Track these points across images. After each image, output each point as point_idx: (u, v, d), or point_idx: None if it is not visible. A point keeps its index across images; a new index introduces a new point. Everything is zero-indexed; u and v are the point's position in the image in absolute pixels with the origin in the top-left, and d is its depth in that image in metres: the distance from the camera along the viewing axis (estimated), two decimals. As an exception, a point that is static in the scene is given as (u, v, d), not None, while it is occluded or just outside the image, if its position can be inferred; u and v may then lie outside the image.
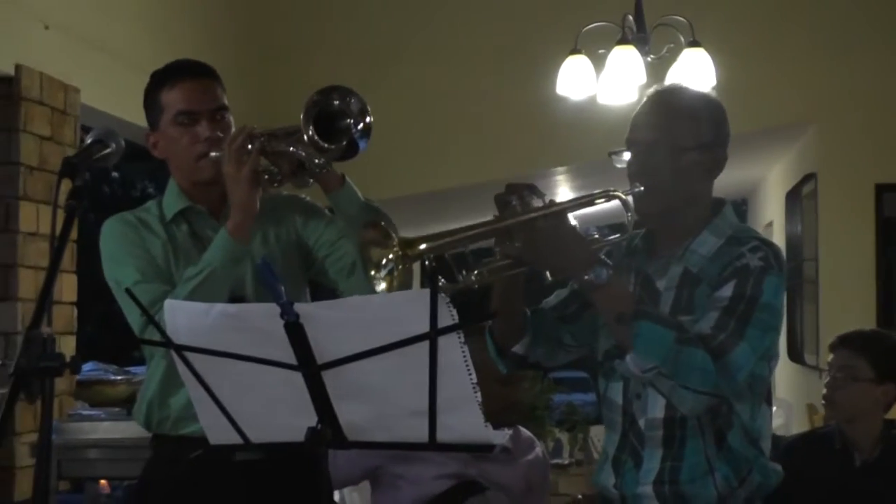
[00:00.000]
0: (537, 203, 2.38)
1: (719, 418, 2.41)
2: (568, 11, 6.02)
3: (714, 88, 5.44)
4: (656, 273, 2.51)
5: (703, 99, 2.52)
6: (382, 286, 2.27)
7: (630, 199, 2.43)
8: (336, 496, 4.15)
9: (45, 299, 1.86)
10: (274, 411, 2.10)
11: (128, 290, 2.26)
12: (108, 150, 2.19)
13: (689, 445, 2.41)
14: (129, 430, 3.74)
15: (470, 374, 1.94)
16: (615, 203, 2.46)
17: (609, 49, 5.42)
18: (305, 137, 2.59)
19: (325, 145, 2.61)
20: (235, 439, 2.17)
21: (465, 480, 3.57)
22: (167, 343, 2.08)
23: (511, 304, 2.54)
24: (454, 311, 1.90)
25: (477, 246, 2.43)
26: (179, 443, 2.76)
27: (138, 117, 2.97)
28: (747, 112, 5.68)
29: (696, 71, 5.45)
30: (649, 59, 5.48)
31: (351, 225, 2.72)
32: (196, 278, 2.64)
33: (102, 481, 3.91)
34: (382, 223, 2.29)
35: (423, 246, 2.29)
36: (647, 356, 2.28)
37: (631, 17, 5.50)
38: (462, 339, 1.93)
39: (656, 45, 5.53)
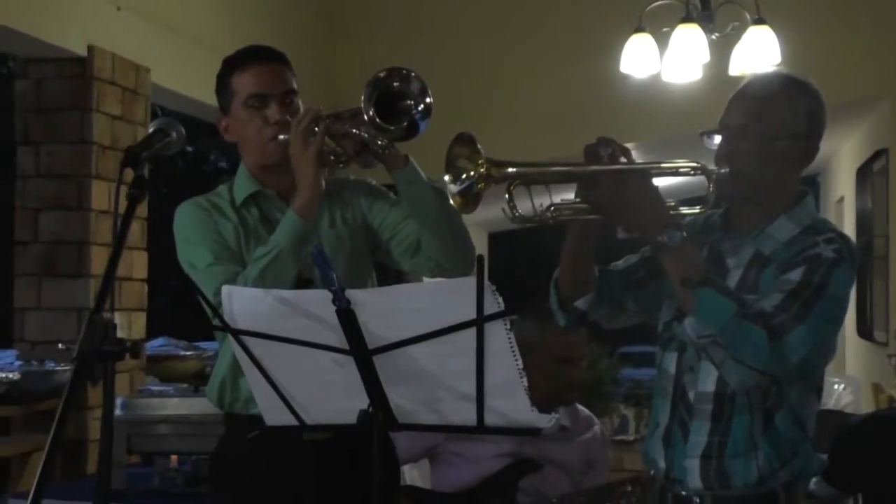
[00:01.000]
0: (623, 160, 2.41)
1: (769, 398, 2.43)
2: (632, -9, 5.99)
3: (779, 65, 5.43)
4: (728, 251, 2.53)
5: (801, 88, 2.51)
6: (456, 200, 2.31)
7: (714, 176, 2.44)
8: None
9: (107, 284, 1.93)
10: (327, 394, 2.16)
11: (184, 276, 2.32)
12: (168, 139, 2.25)
13: (736, 421, 2.44)
14: (196, 405, 3.83)
15: (516, 360, 1.98)
16: (695, 179, 2.48)
17: (673, 27, 5.39)
18: (366, 118, 2.63)
19: (386, 126, 2.64)
20: (291, 421, 2.23)
21: (521, 459, 3.62)
22: (225, 327, 2.15)
23: (581, 255, 2.58)
24: (500, 299, 1.95)
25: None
26: (251, 422, 2.79)
27: (208, 96, 3.04)
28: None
29: (761, 49, 5.40)
30: (714, 37, 5.45)
31: (414, 204, 2.77)
32: (264, 259, 2.69)
33: (172, 456, 4.00)
34: (474, 140, 2.31)
35: (509, 169, 2.33)
36: (706, 323, 2.31)
37: (696, -5, 5.46)
38: (508, 326, 1.97)
39: (721, 23, 5.49)
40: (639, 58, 5.58)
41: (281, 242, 2.70)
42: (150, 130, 2.27)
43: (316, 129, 2.70)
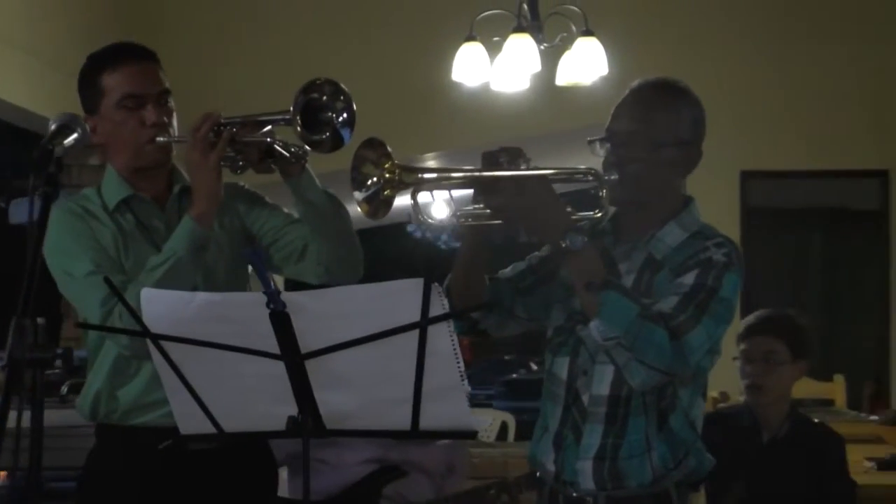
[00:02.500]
0: (522, 166, 2.42)
1: (664, 399, 2.48)
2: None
3: (605, 77, 5.57)
4: (620, 256, 2.56)
5: (684, 95, 2.55)
6: (362, 207, 2.30)
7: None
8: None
9: (31, 287, 1.81)
10: (252, 401, 2.09)
11: (106, 279, 2.20)
12: (75, 135, 2.14)
13: (632, 423, 2.48)
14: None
15: (458, 363, 1.96)
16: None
17: (504, 37, 5.44)
18: (298, 129, 2.58)
19: (316, 138, 2.60)
20: (208, 428, 2.15)
21: (385, 466, 3.60)
22: (143, 332, 2.05)
23: (476, 262, 2.57)
24: (446, 301, 1.93)
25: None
26: (130, 433, 2.72)
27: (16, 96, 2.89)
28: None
29: (588, 60, 5.51)
30: (542, 47, 5.53)
31: (310, 211, 2.72)
32: (162, 267, 2.60)
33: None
34: (384, 144, 2.29)
35: (415, 176, 2.31)
36: (611, 325, 2.33)
37: (525, 6, 5.54)
38: (452, 328, 1.95)
39: (550, 33, 5.57)
40: (470, 66, 5.60)
41: (178, 250, 2.61)
42: (53, 127, 2.15)
43: (215, 136, 2.64)
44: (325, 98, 2.62)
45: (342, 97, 2.63)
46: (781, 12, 7.45)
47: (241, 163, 2.70)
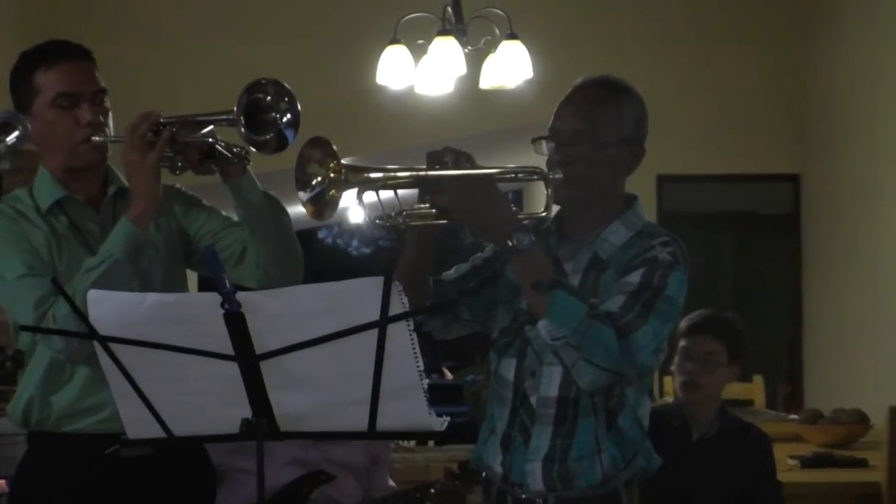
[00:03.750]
0: (468, 167, 2.41)
1: (612, 399, 2.48)
2: (387, 2, 6.00)
3: (529, 81, 5.58)
4: (565, 256, 2.56)
5: (627, 93, 2.55)
6: (307, 207, 2.26)
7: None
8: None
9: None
10: (204, 404, 2.05)
11: (54, 280, 2.15)
12: (16, 133, 2.08)
13: (581, 424, 2.48)
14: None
15: (417, 362, 1.94)
16: None
17: (428, 40, 5.42)
18: (242, 130, 2.54)
19: (260, 138, 2.56)
20: (157, 433, 2.10)
21: (310, 471, 3.55)
22: (91, 334, 2.00)
23: (420, 264, 2.55)
24: (405, 299, 1.90)
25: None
26: (63, 440, 2.65)
27: None
28: (564, 105, 5.79)
29: (513, 63, 5.51)
30: (466, 50, 5.52)
31: (250, 213, 2.68)
32: (98, 269, 2.53)
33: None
34: (329, 143, 2.26)
35: (361, 175, 2.28)
36: (559, 325, 2.31)
37: (450, 9, 5.52)
38: (412, 328, 1.93)
39: (474, 36, 5.56)
40: (394, 69, 5.56)
41: (115, 251, 2.55)
42: None
43: (154, 135, 2.59)
44: (269, 98, 2.59)
45: (286, 97, 2.59)
46: (699, 16, 7.53)
47: (180, 164, 2.65)
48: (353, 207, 13.60)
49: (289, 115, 2.59)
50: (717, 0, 7.60)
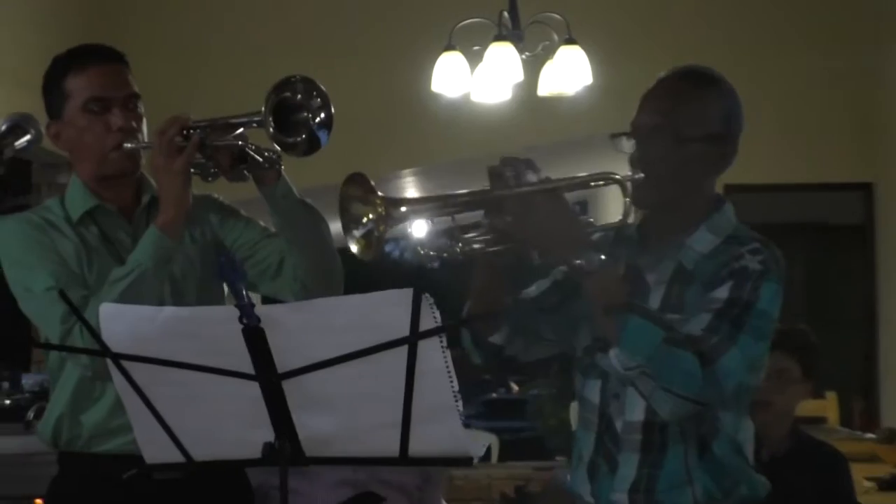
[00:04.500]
0: (532, 178, 2.24)
1: (703, 425, 2.28)
2: (442, 7, 5.89)
3: (589, 87, 5.43)
4: (647, 266, 2.36)
5: (715, 85, 2.37)
6: (357, 247, 2.15)
7: (629, 184, 2.29)
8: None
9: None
10: (224, 426, 1.91)
11: (61, 293, 2.03)
12: (27, 138, 1.96)
13: (670, 452, 2.28)
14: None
15: (451, 381, 1.79)
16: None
17: (484, 46, 5.31)
18: (270, 131, 2.42)
19: (290, 140, 2.44)
20: (176, 457, 1.96)
21: (360, 492, 3.43)
22: (103, 352, 1.86)
23: (492, 288, 2.39)
24: (437, 314, 1.75)
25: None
26: (93, 461, 2.55)
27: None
28: (625, 111, 5.63)
29: (572, 69, 5.38)
30: (524, 56, 5.39)
31: (286, 221, 2.57)
32: (126, 279, 2.43)
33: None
34: (367, 178, 2.15)
35: (406, 208, 2.17)
36: (632, 353, 2.14)
37: (506, 14, 5.40)
38: (444, 344, 1.77)
39: (531, 42, 5.43)
40: (449, 76, 5.47)
41: (144, 261, 2.45)
42: (3, 128, 1.96)
43: (184, 139, 2.49)
44: (299, 97, 2.46)
45: (318, 96, 2.47)
46: (765, 23, 7.35)
47: (212, 169, 2.54)
48: (416, 222, 13.35)
49: (322, 115, 2.47)
50: (783, 3, 7.38)
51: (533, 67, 5.48)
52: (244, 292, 1.74)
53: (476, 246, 2.26)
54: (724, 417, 2.29)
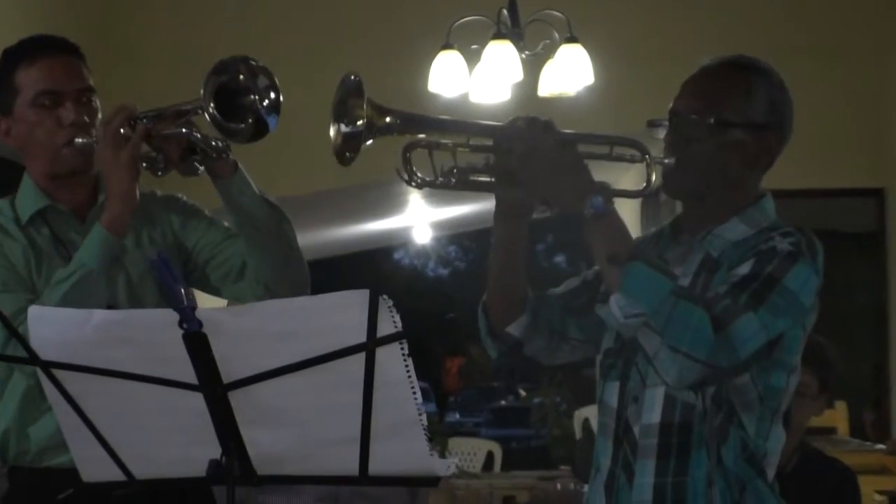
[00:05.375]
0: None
1: (730, 423, 2.12)
2: (439, 5, 5.76)
3: (591, 87, 5.28)
4: (676, 259, 2.20)
5: (761, 74, 2.23)
6: (337, 141, 2.06)
7: (657, 166, 2.16)
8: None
9: None
10: (166, 441, 1.75)
11: None
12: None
13: (694, 457, 2.11)
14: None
15: (414, 393, 1.61)
16: None
17: (483, 45, 5.19)
18: (207, 116, 2.29)
19: (233, 126, 2.31)
20: (116, 475, 1.79)
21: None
22: (31, 359, 1.70)
23: (510, 268, 2.26)
24: (397, 317, 1.58)
25: None
26: (45, 476, 2.40)
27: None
28: (629, 112, 5.49)
29: (573, 69, 5.26)
30: (524, 55, 5.26)
31: (244, 219, 2.43)
32: (68, 281, 2.29)
33: None
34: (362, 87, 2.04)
35: (389, 119, 2.08)
36: (635, 300, 1.99)
37: (505, 12, 5.26)
38: (405, 351, 1.60)
39: (531, 41, 5.30)
40: (447, 76, 5.37)
41: (88, 262, 2.32)
42: None
43: (131, 130, 2.36)
44: (241, 78, 2.32)
45: (264, 76, 2.33)
46: (774, 26, 7.20)
47: (161, 163, 2.41)
48: (418, 227, 13.26)
49: (271, 97, 2.32)
50: (792, 9, 7.24)
51: (533, 67, 5.37)
52: (183, 294, 1.57)
53: (473, 180, 2.13)
54: (745, 420, 2.12)
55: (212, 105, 2.26)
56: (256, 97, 2.31)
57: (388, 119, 2.08)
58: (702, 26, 7.12)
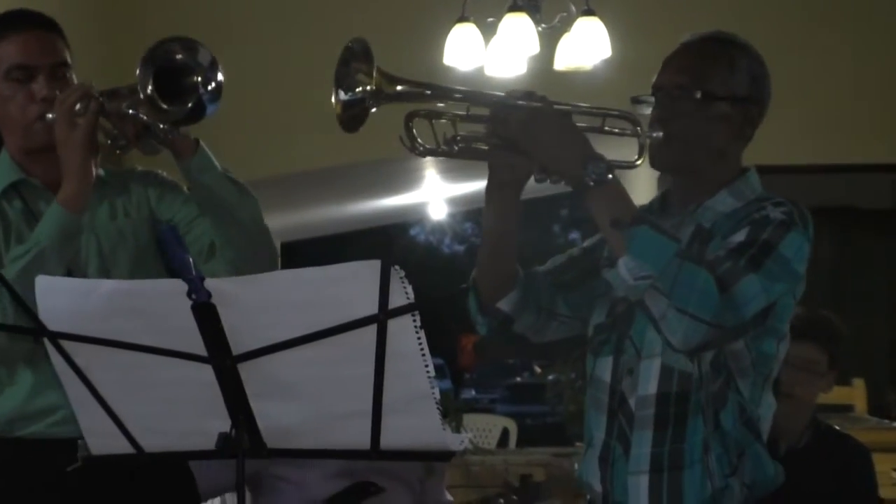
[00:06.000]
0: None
1: (726, 390, 2.14)
2: (455, -23, 5.71)
3: (608, 61, 5.23)
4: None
5: (741, 49, 2.26)
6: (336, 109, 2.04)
7: (647, 140, 2.19)
8: None
9: None
10: (175, 414, 1.73)
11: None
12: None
13: (690, 425, 2.14)
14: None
15: (427, 366, 1.59)
16: None
17: (499, 17, 5.14)
18: (142, 96, 2.29)
19: (165, 106, 2.31)
20: (124, 448, 1.77)
21: (358, 482, 3.27)
22: (39, 330, 1.68)
23: (503, 241, 2.26)
24: (409, 289, 1.55)
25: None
26: (15, 446, 2.39)
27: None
28: (645, 86, 5.44)
29: (590, 41, 5.19)
30: (541, 28, 5.20)
31: (207, 198, 2.42)
32: (24, 258, 2.28)
33: None
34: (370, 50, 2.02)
35: (402, 87, 2.07)
36: (642, 260, 2.00)
37: (522, -17, 5.21)
38: (418, 324, 1.58)
39: (548, 13, 5.24)
40: (462, 49, 5.30)
41: (42, 239, 2.31)
42: None
43: (86, 108, 2.35)
44: (179, 56, 2.33)
45: (204, 56, 2.34)
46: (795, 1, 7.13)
47: (121, 141, 2.42)
48: (434, 203, 13.17)
49: (213, 83, 2.33)
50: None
51: (549, 40, 5.27)
52: (191, 264, 1.54)
53: (474, 146, 2.13)
54: (741, 385, 2.15)
55: (150, 87, 2.26)
56: (199, 79, 2.32)
57: (395, 87, 2.08)
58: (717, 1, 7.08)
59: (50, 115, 2.39)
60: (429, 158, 8.43)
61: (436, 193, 11.23)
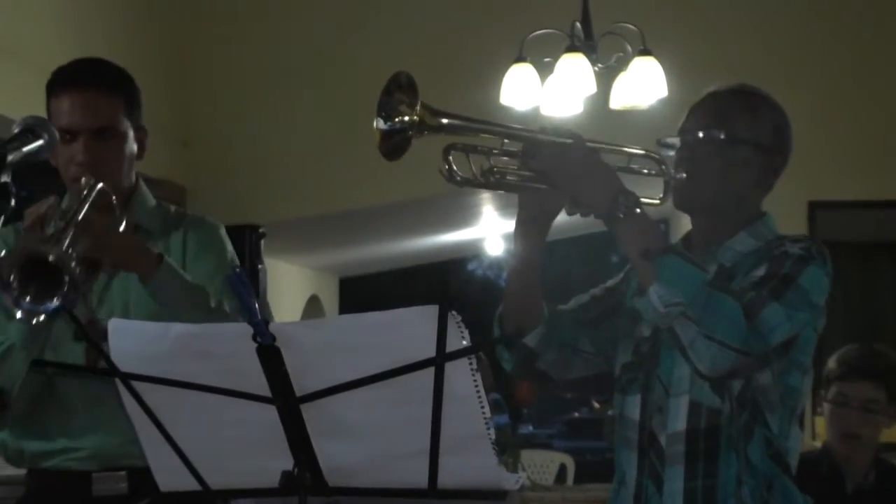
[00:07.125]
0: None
1: (754, 423, 2.18)
2: (512, 18, 5.76)
3: (664, 100, 5.25)
4: None
5: (765, 101, 2.35)
6: (378, 137, 2.08)
7: (672, 181, 2.29)
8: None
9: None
10: (240, 452, 1.78)
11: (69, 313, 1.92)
12: (39, 142, 1.84)
13: (722, 459, 2.18)
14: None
15: (482, 407, 1.63)
16: None
17: (556, 57, 5.18)
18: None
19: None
20: (191, 485, 1.83)
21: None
22: (112, 371, 1.74)
23: (529, 277, 2.33)
24: (466, 332, 1.60)
25: None
26: (60, 478, 2.46)
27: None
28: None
29: (646, 81, 5.22)
30: (597, 68, 5.24)
31: (174, 311, 2.32)
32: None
33: None
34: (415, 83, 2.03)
35: (443, 120, 2.10)
36: (673, 288, 2.04)
37: (578, 25, 5.26)
38: (474, 366, 1.62)
39: (604, 53, 5.29)
40: (519, 89, 5.35)
41: (14, 335, 2.36)
42: (16, 130, 1.84)
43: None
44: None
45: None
46: (848, 37, 7.12)
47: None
48: (491, 239, 13.18)
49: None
50: (865, 17, 7.15)
51: (606, 79, 5.34)
52: (257, 309, 1.60)
53: (508, 178, 2.20)
54: (770, 419, 2.19)
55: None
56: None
57: (436, 119, 2.11)
58: (772, 41, 7.07)
59: (84, 180, 2.40)
60: (486, 196, 8.49)
61: (493, 229, 11.31)
